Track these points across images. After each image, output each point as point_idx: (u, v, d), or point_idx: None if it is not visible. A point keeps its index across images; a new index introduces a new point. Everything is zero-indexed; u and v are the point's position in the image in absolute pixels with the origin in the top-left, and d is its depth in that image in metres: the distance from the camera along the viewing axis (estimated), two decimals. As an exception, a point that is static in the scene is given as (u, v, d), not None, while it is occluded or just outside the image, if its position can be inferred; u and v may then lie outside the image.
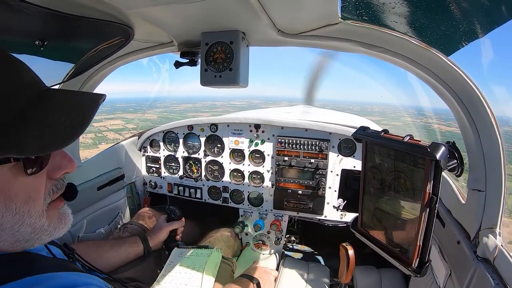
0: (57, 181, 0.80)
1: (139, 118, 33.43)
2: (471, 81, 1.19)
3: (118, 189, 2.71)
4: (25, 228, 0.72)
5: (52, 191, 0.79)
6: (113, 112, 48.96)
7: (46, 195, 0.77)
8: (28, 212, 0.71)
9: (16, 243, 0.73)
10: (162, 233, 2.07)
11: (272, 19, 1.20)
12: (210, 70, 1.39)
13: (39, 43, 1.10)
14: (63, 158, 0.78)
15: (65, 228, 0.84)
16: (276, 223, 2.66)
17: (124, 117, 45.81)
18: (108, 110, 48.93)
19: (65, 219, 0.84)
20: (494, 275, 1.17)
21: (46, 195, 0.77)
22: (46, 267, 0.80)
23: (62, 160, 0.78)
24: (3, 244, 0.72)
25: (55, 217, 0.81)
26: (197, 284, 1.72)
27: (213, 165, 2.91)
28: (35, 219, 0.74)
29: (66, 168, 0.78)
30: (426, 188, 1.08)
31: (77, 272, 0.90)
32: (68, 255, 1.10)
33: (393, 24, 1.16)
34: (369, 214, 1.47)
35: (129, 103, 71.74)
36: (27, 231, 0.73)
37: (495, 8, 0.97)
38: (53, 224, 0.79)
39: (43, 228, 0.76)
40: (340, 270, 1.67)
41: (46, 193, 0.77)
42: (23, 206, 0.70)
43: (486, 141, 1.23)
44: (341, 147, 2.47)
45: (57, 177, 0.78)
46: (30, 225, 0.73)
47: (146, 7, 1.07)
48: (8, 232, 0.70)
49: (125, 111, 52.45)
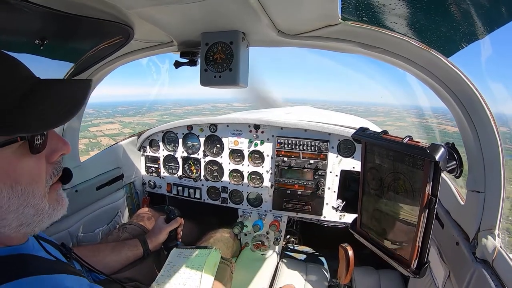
0: (56, 164, 0.85)
1: (137, 122, 33.10)
2: (471, 82, 1.19)
3: (117, 189, 2.70)
4: (29, 209, 0.76)
5: (53, 174, 0.83)
6: (113, 116, 48.56)
7: (48, 178, 0.81)
8: (32, 193, 0.76)
9: (19, 227, 0.76)
10: (162, 234, 2.07)
11: (272, 20, 1.20)
12: (210, 70, 1.39)
13: (39, 42, 1.10)
14: (58, 141, 0.83)
15: (62, 210, 0.88)
16: (275, 224, 2.65)
17: (123, 121, 45.39)
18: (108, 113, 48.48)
19: (62, 201, 0.88)
20: (493, 277, 1.17)
21: (48, 178, 0.81)
22: (36, 269, 0.82)
23: (58, 143, 0.83)
24: (7, 229, 0.75)
25: (54, 199, 0.85)
26: (196, 284, 1.72)
27: (213, 165, 2.91)
28: (38, 200, 0.78)
29: (62, 150, 0.83)
30: (425, 189, 1.08)
31: (69, 274, 0.92)
32: (66, 255, 1.10)
33: (393, 25, 1.16)
34: (368, 215, 1.46)
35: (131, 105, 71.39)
36: (30, 213, 0.77)
37: (494, 9, 0.97)
38: (52, 205, 0.83)
39: (44, 210, 0.80)
40: (339, 271, 1.67)
41: (48, 177, 0.81)
42: (28, 187, 0.74)
43: (485, 142, 1.23)
44: (340, 147, 2.48)
45: (54, 159, 0.83)
46: (34, 206, 0.77)
47: (146, 7, 1.07)
48: (13, 215, 0.74)
49: (125, 115, 52.01)
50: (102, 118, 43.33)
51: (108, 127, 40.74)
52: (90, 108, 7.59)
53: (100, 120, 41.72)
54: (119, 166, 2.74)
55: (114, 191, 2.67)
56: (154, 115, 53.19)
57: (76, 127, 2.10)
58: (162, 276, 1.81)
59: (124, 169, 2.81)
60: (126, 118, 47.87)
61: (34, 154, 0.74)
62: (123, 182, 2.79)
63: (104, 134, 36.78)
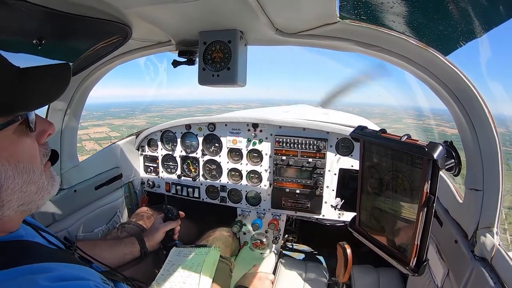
0: (44, 146, 0.89)
1: (126, 125, 32.57)
2: (469, 80, 1.20)
3: (116, 188, 2.70)
4: (31, 187, 0.81)
5: (45, 155, 0.89)
6: (103, 118, 47.69)
7: (42, 157, 0.87)
8: (33, 170, 0.81)
9: (20, 206, 0.81)
10: (159, 234, 2.06)
11: (270, 18, 1.20)
12: (208, 69, 1.39)
13: (37, 42, 1.10)
14: (44, 123, 0.87)
15: (57, 185, 0.93)
16: (274, 223, 2.66)
17: (112, 124, 44.43)
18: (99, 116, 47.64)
19: (54, 178, 0.93)
20: (491, 274, 1.17)
21: (42, 158, 0.87)
22: (42, 256, 0.85)
23: (44, 125, 0.87)
24: (8, 208, 0.77)
25: (49, 176, 0.90)
26: (195, 282, 1.72)
27: (211, 165, 2.91)
28: (39, 177, 0.83)
29: (48, 130, 0.88)
30: (423, 188, 1.08)
31: (74, 264, 0.93)
32: (69, 248, 1.10)
33: (391, 24, 1.16)
34: (367, 214, 1.47)
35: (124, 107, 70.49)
36: (32, 190, 0.82)
37: (492, 8, 0.97)
38: (49, 181, 0.89)
39: (44, 185, 0.86)
40: (338, 269, 1.68)
41: (41, 156, 0.87)
42: (29, 165, 0.79)
43: (484, 140, 1.23)
44: (339, 146, 2.48)
45: (43, 140, 0.87)
46: (35, 182, 0.82)
47: (144, 6, 1.07)
48: (17, 195, 0.78)
49: (116, 117, 51.00)
50: (92, 120, 42.60)
51: (96, 130, 39.89)
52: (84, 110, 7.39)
53: (89, 123, 40.95)
54: (117, 166, 2.73)
55: (113, 191, 2.66)
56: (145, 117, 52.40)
57: (75, 127, 2.09)
58: (162, 275, 1.81)
59: (123, 169, 2.80)
60: (116, 120, 46.94)
61: (31, 133, 0.79)
62: (121, 181, 2.78)
63: (90, 138, 35.94)
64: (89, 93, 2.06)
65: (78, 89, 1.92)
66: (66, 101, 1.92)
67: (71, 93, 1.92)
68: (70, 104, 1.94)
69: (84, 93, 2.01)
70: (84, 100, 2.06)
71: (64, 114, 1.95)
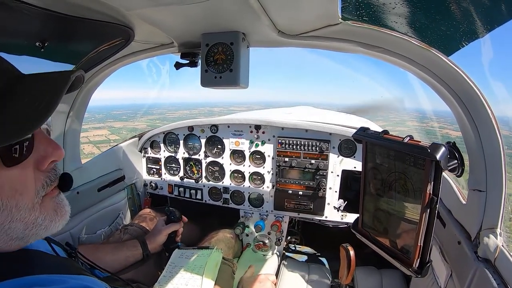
0: (49, 172, 0.76)
1: (127, 128, 32.41)
2: (472, 81, 1.19)
3: (118, 190, 2.71)
4: (16, 224, 0.68)
5: (46, 184, 0.74)
6: (104, 121, 47.48)
7: (39, 188, 0.73)
8: (16, 206, 0.67)
9: (10, 241, 0.70)
10: (161, 236, 2.06)
11: (273, 20, 1.20)
12: (210, 71, 1.39)
13: (40, 45, 1.10)
14: (48, 146, 0.73)
15: (62, 220, 0.80)
16: (277, 224, 2.66)
17: (112, 126, 44.21)
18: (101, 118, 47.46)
19: (61, 211, 0.80)
20: (495, 275, 1.17)
21: (40, 189, 0.73)
22: (46, 267, 0.78)
23: (47, 149, 0.73)
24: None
25: (51, 209, 0.77)
26: (198, 284, 1.72)
27: (214, 166, 2.91)
28: (25, 213, 0.69)
29: (52, 157, 0.74)
30: (426, 189, 1.08)
31: (78, 273, 0.88)
32: (71, 254, 1.10)
33: (394, 25, 1.16)
34: (370, 215, 1.46)
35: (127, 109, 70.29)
36: (18, 227, 0.69)
37: (495, 8, 0.97)
38: (48, 217, 0.75)
39: (36, 222, 0.72)
40: (340, 271, 1.67)
41: (39, 186, 0.73)
42: (10, 200, 0.66)
43: (487, 141, 1.23)
44: (341, 147, 2.47)
45: (44, 167, 0.73)
46: (21, 220, 0.69)
47: (146, 8, 1.07)
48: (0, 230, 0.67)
49: (117, 119, 50.71)
50: (93, 123, 42.36)
51: (96, 132, 39.74)
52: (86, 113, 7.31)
53: (90, 125, 40.66)
54: (120, 168, 2.74)
55: (116, 193, 2.67)
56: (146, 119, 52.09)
57: (78, 129, 2.10)
58: (164, 277, 1.81)
59: (126, 171, 2.81)
60: (117, 123, 46.78)
61: (10, 167, 0.65)
62: (124, 183, 2.79)
63: (89, 141, 35.55)
64: (92, 95, 2.07)
65: (81, 91, 1.93)
66: (69, 103, 1.93)
67: (73, 95, 1.92)
68: (73, 106, 1.95)
69: (87, 95, 2.02)
70: (87, 102, 2.07)
71: (67, 116, 1.96)
